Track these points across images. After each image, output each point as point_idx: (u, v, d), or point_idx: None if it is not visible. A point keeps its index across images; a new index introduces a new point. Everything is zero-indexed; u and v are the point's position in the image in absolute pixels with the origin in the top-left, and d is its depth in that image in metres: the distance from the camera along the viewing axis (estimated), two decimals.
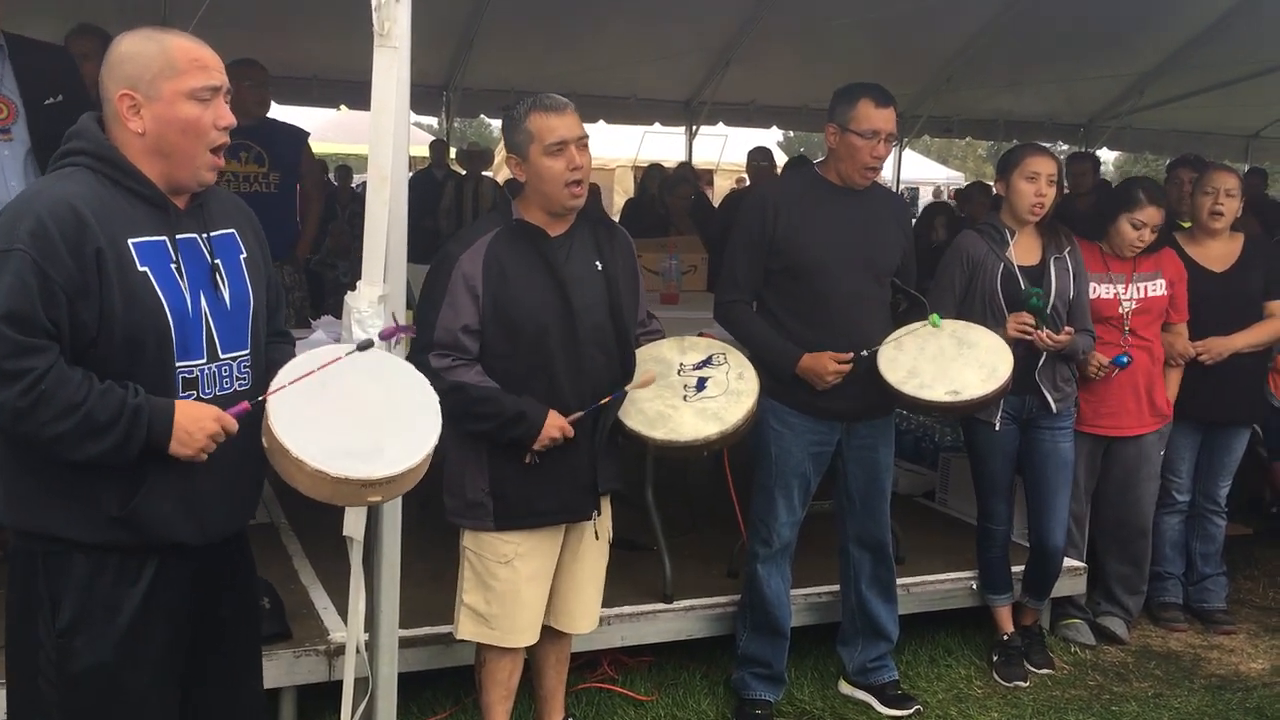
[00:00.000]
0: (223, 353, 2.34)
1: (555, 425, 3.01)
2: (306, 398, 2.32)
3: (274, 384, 2.31)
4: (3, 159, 3.85)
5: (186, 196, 2.35)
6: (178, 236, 2.29)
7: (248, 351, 2.40)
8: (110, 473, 2.22)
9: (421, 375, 2.56)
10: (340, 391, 2.38)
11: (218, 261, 2.35)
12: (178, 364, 2.26)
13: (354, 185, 12.69)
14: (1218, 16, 7.74)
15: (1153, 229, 4.29)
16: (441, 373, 2.97)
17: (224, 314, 2.34)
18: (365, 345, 2.41)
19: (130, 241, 2.21)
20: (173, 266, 2.26)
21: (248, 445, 2.32)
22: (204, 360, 2.31)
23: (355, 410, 2.37)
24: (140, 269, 2.21)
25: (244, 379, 2.38)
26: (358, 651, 2.89)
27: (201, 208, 2.37)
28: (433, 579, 3.62)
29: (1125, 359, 4.26)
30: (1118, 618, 4.62)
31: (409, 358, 3.03)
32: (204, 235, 2.34)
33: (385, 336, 2.54)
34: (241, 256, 2.43)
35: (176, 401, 2.23)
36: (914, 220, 8.47)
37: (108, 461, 2.18)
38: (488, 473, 3.10)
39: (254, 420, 2.31)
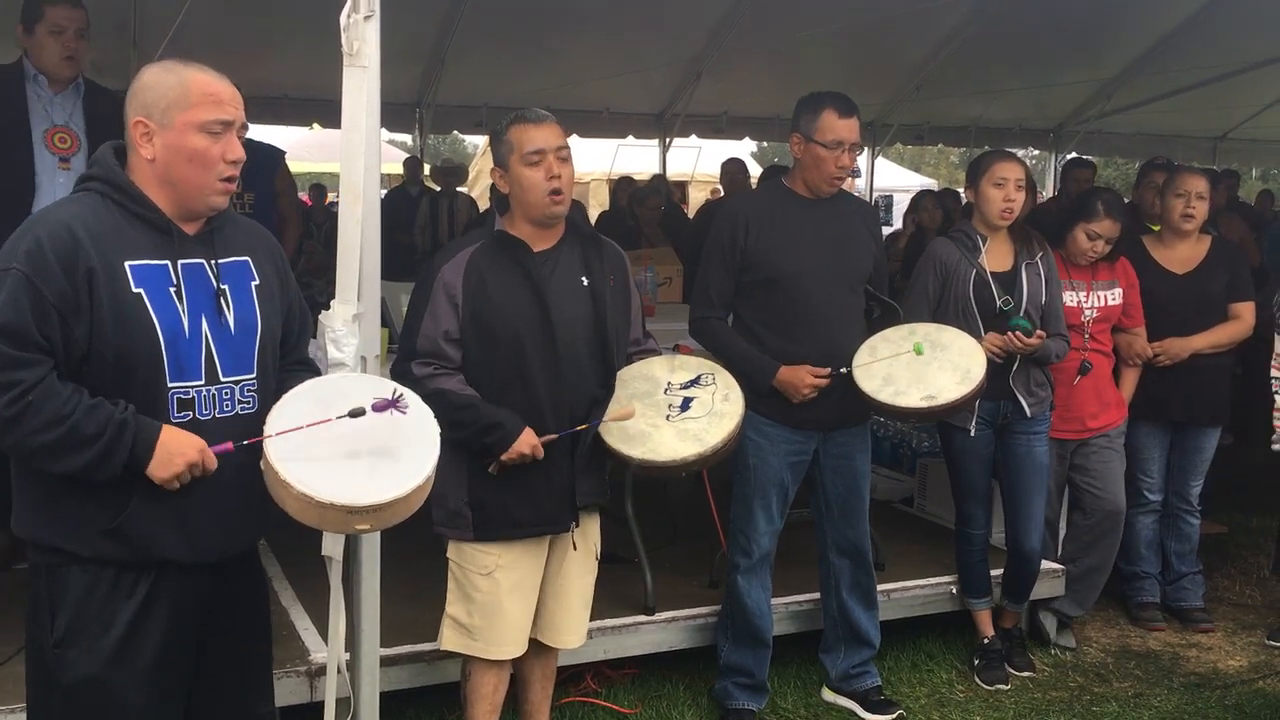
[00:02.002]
0: (224, 376, 2.38)
1: (527, 443, 3.02)
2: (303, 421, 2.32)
3: (271, 415, 2.33)
4: (58, 186, 3.98)
5: (199, 223, 2.40)
6: (181, 261, 2.34)
7: (253, 376, 2.43)
8: (101, 486, 2.26)
9: (427, 408, 2.54)
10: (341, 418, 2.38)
11: (224, 287, 2.39)
12: (171, 385, 2.31)
13: (327, 203, 12.65)
14: (1182, 21, 7.84)
15: (1107, 241, 4.34)
16: (424, 380, 3.00)
17: (227, 338, 2.38)
18: (357, 413, 2.40)
19: (127, 264, 2.27)
20: (171, 290, 2.31)
21: (246, 467, 2.34)
22: (202, 382, 2.35)
23: (351, 437, 2.37)
24: (134, 290, 2.27)
25: (248, 403, 2.41)
26: (339, 671, 2.88)
27: (213, 234, 2.42)
28: (413, 597, 3.61)
29: (1089, 365, 4.38)
30: (1051, 614, 4.62)
31: (394, 365, 3.05)
32: (212, 261, 2.39)
33: (378, 409, 2.52)
34: (253, 283, 2.47)
35: (164, 425, 2.27)
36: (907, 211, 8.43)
37: (91, 475, 2.23)
38: (467, 483, 3.11)
39: (254, 445, 2.32)
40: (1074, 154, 10.21)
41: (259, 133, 6.20)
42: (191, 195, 2.35)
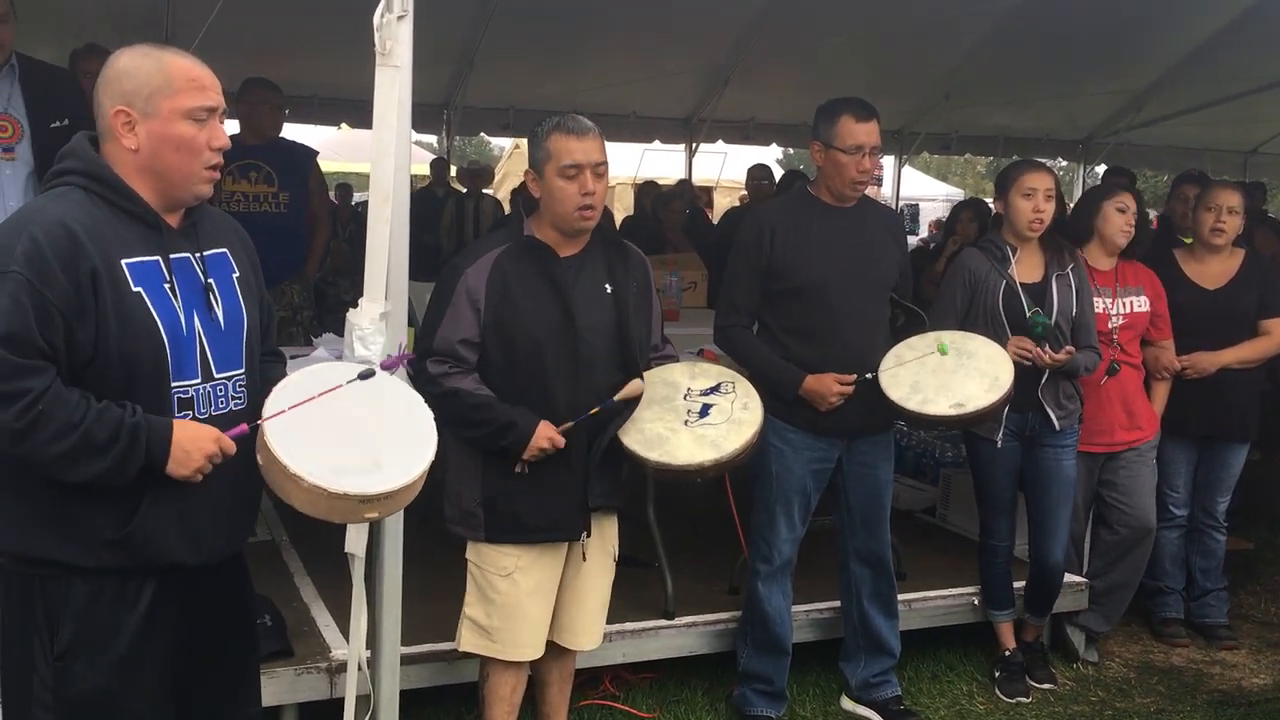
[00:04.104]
0: (217, 372, 2.34)
1: (545, 435, 3.01)
2: (302, 414, 2.31)
3: (271, 405, 2.29)
4: (4, 178, 3.89)
5: (180, 215, 2.34)
6: (171, 256, 2.28)
7: (243, 371, 2.39)
8: (106, 495, 2.21)
9: (417, 394, 2.55)
10: (337, 408, 2.36)
11: (211, 281, 2.34)
12: (173, 384, 2.26)
13: (354, 204, 12.71)
14: (1214, 34, 7.77)
15: (1134, 213, 4.32)
16: (438, 378, 3.02)
17: (218, 334, 2.34)
18: (367, 375, 2.40)
19: (124, 262, 2.20)
20: (166, 286, 2.25)
21: (243, 466, 2.30)
22: (199, 380, 2.30)
23: (351, 426, 2.36)
24: (134, 289, 2.20)
25: (240, 398, 2.38)
26: (359, 669, 2.89)
27: (194, 227, 2.36)
28: (434, 596, 3.61)
29: (1116, 366, 4.31)
30: (1079, 629, 4.58)
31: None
32: (197, 255, 2.34)
33: (387, 366, 2.53)
34: (234, 275, 2.42)
35: (174, 421, 2.22)
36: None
37: (106, 481, 2.17)
38: (480, 484, 3.12)
39: (249, 440, 2.29)
40: (1113, 165, 10.09)
41: (290, 132, 6.25)
42: (178, 184, 2.28)
